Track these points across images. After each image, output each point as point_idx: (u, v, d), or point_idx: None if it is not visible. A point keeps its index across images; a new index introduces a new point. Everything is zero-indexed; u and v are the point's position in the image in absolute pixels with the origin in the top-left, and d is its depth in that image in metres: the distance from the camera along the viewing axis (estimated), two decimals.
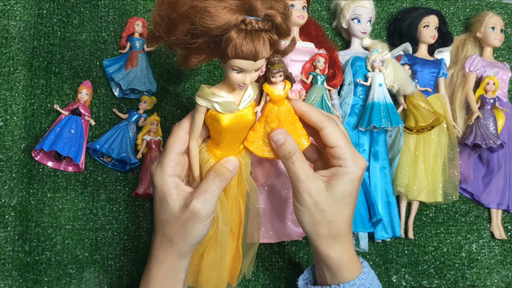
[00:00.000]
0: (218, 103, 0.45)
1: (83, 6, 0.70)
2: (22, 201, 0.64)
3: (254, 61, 0.42)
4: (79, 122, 0.64)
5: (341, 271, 0.51)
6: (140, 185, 0.64)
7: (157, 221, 0.49)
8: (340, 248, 0.50)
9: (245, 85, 0.45)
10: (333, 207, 0.49)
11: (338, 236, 0.50)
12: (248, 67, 0.43)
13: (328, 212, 0.49)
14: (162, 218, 0.48)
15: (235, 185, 0.53)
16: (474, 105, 0.77)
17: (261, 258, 0.68)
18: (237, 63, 0.42)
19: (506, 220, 0.78)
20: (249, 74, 0.44)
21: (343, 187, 0.49)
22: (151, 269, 0.50)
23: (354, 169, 0.49)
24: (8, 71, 0.66)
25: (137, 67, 0.66)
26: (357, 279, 0.50)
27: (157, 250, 0.50)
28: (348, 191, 0.49)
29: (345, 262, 0.51)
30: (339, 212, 0.49)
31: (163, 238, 0.49)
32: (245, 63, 0.42)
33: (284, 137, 0.49)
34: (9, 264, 0.62)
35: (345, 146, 0.49)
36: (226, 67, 0.44)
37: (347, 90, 0.71)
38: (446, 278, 0.73)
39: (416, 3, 0.82)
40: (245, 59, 0.42)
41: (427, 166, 0.72)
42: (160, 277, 0.49)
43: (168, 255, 0.49)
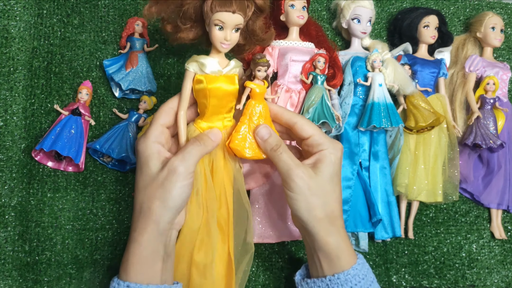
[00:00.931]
0: (204, 63, 0.51)
1: (83, 6, 0.70)
2: (22, 201, 0.64)
3: (232, 13, 0.49)
4: (79, 122, 0.65)
5: (339, 258, 0.52)
6: None
7: (137, 192, 0.50)
8: (337, 233, 0.52)
9: (226, 41, 0.51)
10: (325, 189, 0.52)
11: (334, 219, 0.53)
12: (227, 19, 0.50)
13: (321, 194, 0.52)
14: (141, 185, 0.50)
15: (221, 166, 0.55)
16: (474, 105, 0.77)
17: (261, 258, 0.68)
18: (217, 16, 0.50)
19: (506, 220, 0.78)
20: (229, 30, 0.51)
21: (329, 168, 0.53)
22: (130, 247, 0.49)
23: (334, 150, 0.53)
24: (8, 71, 0.66)
25: (137, 67, 0.66)
26: (351, 269, 0.52)
27: (135, 225, 0.50)
28: (334, 171, 0.53)
29: (343, 248, 0.52)
30: (331, 193, 0.53)
31: (141, 210, 0.49)
32: (224, 14, 0.49)
33: (269, 132, 0.54)
34: (9, 264, 0.62)
35: (319, 133, 0.54)
36: (210, 28, 0.51)
37: (347, 90, 0.71)
38: (446, 278, 0.73)
39: (416, 3, 0.82)
40: (224, 8, 0.49)
41: (427, 166, 0.72)
42: (138, 254, 0.49)
43: (148, 228, 0.49)
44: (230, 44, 0.52)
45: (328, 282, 0.52)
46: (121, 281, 0.49)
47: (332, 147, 0.53)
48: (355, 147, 0.70)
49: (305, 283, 0.55)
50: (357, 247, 0.69)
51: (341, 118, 0.68)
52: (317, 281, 0.54)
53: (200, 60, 0.52)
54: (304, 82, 0.68)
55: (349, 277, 0.51)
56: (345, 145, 0.70)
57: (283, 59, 0.69)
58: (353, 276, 0.52)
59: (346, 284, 0.51)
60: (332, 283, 0.52)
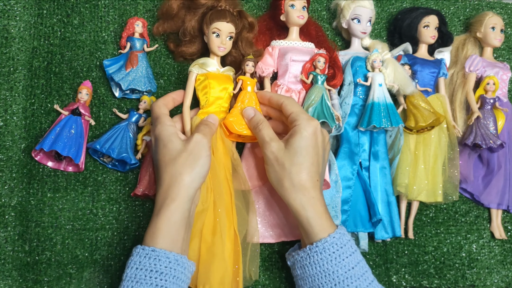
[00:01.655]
0: (205, 62, 0.64)
1: (83, 6, 0.70)
2: (22, 201, 0.64)
3: (226, 22, 0.63)
4: (79, 122, 0.65)
5: (312, 226, 0.55)
6: (139, 185, 0.64)
7: (164, 166, 0.55)
8: (308, 203, 0.56)
9: (223, 45, 0.63)
10: (291, 161, 0.57)
11: (301, 188, 0.56)
12: (222, 27, 0.63)
13: (287, 165, 0.57)
14: (168, 159, 0.56)
15: (221, 153, 0.62)
16: (474, 105, 0.77)
17: (261, 258, 0.68)
18: (215, 25, 0.63)
19: (506, 220, 0.78)
20: (224, 37, 0.63)
21: (298, 142, 0.57)
22: (160, 214, 0.53)
23: (305, 126, 0.58)
24: (8, 71, 0.66)
25: (137, 67, 0.66)
26: (328, 237, 0.54)
27: (166, 194, 0.54)
28: (303, 146, 0.57)
29: (316, 217, 0.55)
30: (297, 165, 0.56)
31: (171, 179, 0.54)
32: (220, 23, 0.63)
33: (253, 111, 0.62)
34: (9, 264, 0.62)
35: (299, 111, 0.60)
36: (209, 36, 0.64)
37: (347, 90, 0.71)
38: (446, 278, 0.73)
39: (416, 3, 0.82)
40: (219, 19, 0.63)
41: (427, 166, 0.72)
42: (167, 219, 0.53)
43: (180, 193, 0.54)
44: (226, 49, 0.64)
45: (308, 251, 0.55)
46: (146, 246, 0.52)
47: (305, 123, 0.58)
48: (355, 147, 0.70)
49: (291, 256, 0.59)
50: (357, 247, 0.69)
51: (341, 118, 0.68)
52: (300, 252, 0.57)
53: (201, 62, 0.64)
54: (304, 82, 0.68)
55: (327, 245, 0.54)
56: (345, 145, 0.70)
57: (283, 59, 0.69)
58: (331, 244, 0.54)
59: (324, 252, 0.54)
60: (312, 251, 0.55)
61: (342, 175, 0.68)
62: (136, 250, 0.52)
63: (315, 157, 0.57)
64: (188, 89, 0.64)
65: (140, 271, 0.51)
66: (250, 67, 0.64)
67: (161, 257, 0.51)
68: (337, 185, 0.67)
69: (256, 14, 0.75)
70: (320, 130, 0.59)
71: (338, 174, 0.67)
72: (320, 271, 0.54)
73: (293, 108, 0.60)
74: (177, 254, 0.52)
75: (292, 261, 0.59)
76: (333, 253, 0.54)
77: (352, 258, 0.55)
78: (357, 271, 0.54)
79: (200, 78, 0.63)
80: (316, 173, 0.57)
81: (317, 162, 0.58)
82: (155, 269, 0.50)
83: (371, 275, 0.56)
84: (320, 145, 0.59)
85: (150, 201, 0.67)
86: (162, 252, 0.51)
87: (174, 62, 0.71)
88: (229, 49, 0.65)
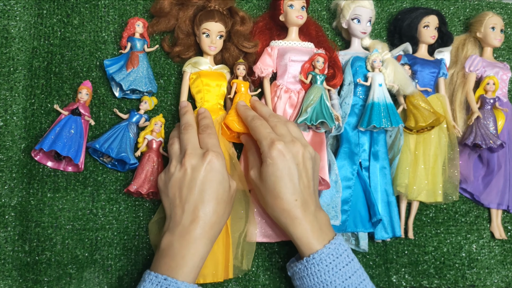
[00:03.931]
0: (197, 61, 0.67)
1: (83, 6, 0.70)
2: (22, 201, 0.64)
3: (215, 22, 0.65)
4: (79, 122, 0.64)
5: (300, 245, 0.57)
6: (134, 182, 0.63)
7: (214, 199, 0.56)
8: (292, 225, 0.57)
9: (213, 45, 0.66)
10: (265, 189, 0.58)
11: (282, 212, 0.57)
12: (211, 27, 0.65)
13: (263, 193, 0.59)
14: (221, 198, 0.56)
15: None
16: (474, 105, 0.77)
17: (261, 258, 0.68)
18: (204, 25, 0.65)
19: (506, 220, 0.78)
20: (214, 36, 0.66)
21: (265, 172, 0.58)
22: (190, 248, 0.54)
23: (267, 154, 0.57)
24: (8, 71, 0.66)
25: (138, 68, 0.66)
26: (324, 248, 0.55)
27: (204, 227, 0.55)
28: (270, 173, 0.57)
29: (302, 237, 0.57)
30: (270, 192, 0.58)
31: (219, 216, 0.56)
32: (209, 24, 0.65)
33: (244, 103, 0.65)
34: (9, 264, 0.62)
35: (261, 137, 0.59)
36: (200, 37, 0.67)
37: (347, 90, 0.71)
38: (446, 278, 0.73)
39: (416, 3, 0.82)
40: (207, 20, 0.65)
41: (427, 166, 0.72)
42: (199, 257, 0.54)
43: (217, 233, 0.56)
44: (216, 48, 0.67)
45: (305, 263, 0.56)
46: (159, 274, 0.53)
47: (266, 150, 0.58)
48: (355, 147, 0.70)
49: (290, 267, 0.60)
50: (357, 247, 0.69)
51: (341, 118, 0.68)
52: (297, 264, 0.58)
53: (194, 61, 0.67)
54: (303, 82, 0.68)
55: (323, 256, 0.55)
56: (345, 145, 0.70)
57: (282, 59, 0.69)
58: (327, 255, 0.55)
59: (321, 263, 0.55)
60: (309, 263, 0.56)
61: (342, 175, 0.68)
62: (149, 277, 0.52)
63: (286, 178, 0.57)
64: (182, 88, 0.67)
65: None
66: (241, 70, 0.66)
67: (172, 286, 0.51)
68: (337, 185, 0.67)
69: (256, 14, 0.75)
70: (285, 150, 0.57)
71: (338, 174, 0.67)
72: (318, 282, 0.55)
73: (256, 134, 0.60)
74: (188, 284, 0.52)
75: (291, 272, 0.60)
76: (329, 263, 0.55)
77: (348, 267, 0.55)
78: (354, 280, 0.55)
79: (193, 77, 0.66)
80: (292, 194, 0.57)
81: (290, 183, 0.57)
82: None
83: (369, 283, 0.57)
84: (291, 163, 0.57)
85: (150, 201, 0.67)
86: (173, 282, 0.51)
87: (174, 62, 0.71)
88: (220, 47, 0.67)
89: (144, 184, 0.63)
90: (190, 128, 0.61)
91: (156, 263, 0.54)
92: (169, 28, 0.70)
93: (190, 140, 0.59)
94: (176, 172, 0.57)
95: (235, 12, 0.68)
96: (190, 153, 0.57)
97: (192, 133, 0.60)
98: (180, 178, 0.56)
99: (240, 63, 0.67)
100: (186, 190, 0.55)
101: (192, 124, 0.62)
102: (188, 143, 0.58)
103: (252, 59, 0.71)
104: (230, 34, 0.69)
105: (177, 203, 0.56)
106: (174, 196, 0.56)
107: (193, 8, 0.68)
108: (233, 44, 0.69)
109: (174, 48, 0.69)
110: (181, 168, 0.56)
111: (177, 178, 0.56)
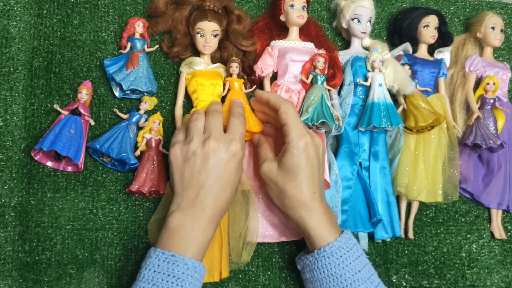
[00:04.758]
0: (192, 61, 0.67)
1: (83, 6, 0.70)
2: (22, 201, 0.64)
3: (208, 21, 0.65)
4: (79, 122, 0.64)
5: (314, 237, 0.57)
6: (135, 182, 0.63)
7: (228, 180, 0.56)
8: (307, 216, 0.57)
9: (207, 44, 0.66)
10: (285, 179, 0.57)
11: (299, 203, 0.57)
12: (205, 27, 0.66)
13: (281, 184, 0.58)
14: (234, 179, 0.57)
15: None
16: (474, 105, 0.77)
17: (261, 258, 0.68)
18: (198, 25, 0.66)
19: (506, 220, 0.78)
20: (208, 36, 0.66)
21: (290, 161, 0.57)
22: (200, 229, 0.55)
23: (296, 144, 0.57)
24: (8, 71, 0.66)
25: (138, 68, 0.66)
26: (335, 241, 0.56)
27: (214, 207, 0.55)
28: (294, 164, 0.57)
29: (316, 229, 0.57)
30: (291, 182, 0.57)
31: (230, 198, 0.57)
32: (202, 23, 0.66)
33: (240, 101, 0.64)
34: (9, 264, 0.62)
35: (292, 124, 0.58)
36: (195, 37, 0.67)
37: (347, 90, 0.71)
38: (446, 278, 0.73)
39: (416, 3, 0.82)
40: (201, 19, 0.66)
41: (427, 166, 0.72)
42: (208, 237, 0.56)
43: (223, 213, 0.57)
44: (211, 47, 0.67)
45: (316, 255, 0.56)
46: (166, 250, 0.53)
47: (296, 139, 0.57)
48: (355, 147, 0.70)
49: (301, 260, 0.60)
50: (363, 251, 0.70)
51: (341, 118, 0.68)
52: (308, 256, 0.58)
53: (189, 61, 0.67)
54: (304, 82, 0.68)
55: (334, 249, 0.55)
56: (345, 145, 0.70)
57: (283, 59, 0.69)
58: (338, 248, 0.56)
59: (332, 256, 0.55)
60: (320, 256, 0.56)
61: (342, 175, 0.68)
62: (156, 253, 0.53)
63: (308, 170, 0.57)
64: (179, 89, 0.68)
65: (157, 274, 0.51)
66: (233, 68, 0.66)
67: (180, 262, 0.52)
68: (337, 185, 0.67)
69: (256, 14, 0.75)
70: (311, 143, 0.58)
71: (338, 174, 0.67)
72: (328, 275, 0.55)
73: (287, 119, 0.59)
74: (195, 261, 0.53)
75: (301, 265, 0.60)
76: (340, 257, 0.55)
77: (358, 261, 0.56)
78: (364, 274, 0.55)
79: (188, 77, 0.67)
80: (312, 186, 0.58)
81: (311, 175, 0.58)
82: (172, 273, 0.51)
83: (377, 278, 0.57)
84: (314, 157, 0.58)
85: (150, 201, 0.67)
86: (181, 258, 0.52)
87: (174, 63, 0.71)
88: (215, 46, 0.67)
89: (145, 183, 0.63)
90: (218, 114, 0.60)
91: (163, 241, 0.54)
92: (168, 28, 0.70)
93: (217, 125, 0.58)
94: (198, 152, 0.55)
95: (231, 10, 0.68)
96: (216, 137, 0.56)
97: (219, 119, 0.59)
98: (201, 160, 0.55)
99: (233, 61, 0.66)
100: (205, 176, 0.55)
101: (221, 111, 0.61)
102: (214, 127, 0.57)
103: (251, 57, 0.70)
104: (228, 33, 0.68)
105: (193, 184, 0.55)
106: (191, 176, 0.55)
107: (189, 8, 0.68)
108: (231, 43, 0.69)
109: (172, 48, 0.69)
110: (203, 148, 0.55)
111: (197, 159, 0.55)
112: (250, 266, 0.67)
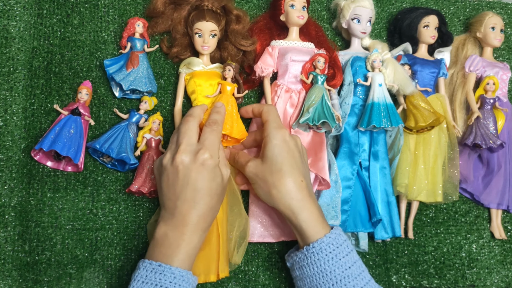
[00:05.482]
0: (190, 62, 0.67)
1: (83, 6, 0.70)
2: (22, 201, 0.64)
3: (206, 21, 0.65)
4: (79, 122, 0.64)
5: (306, 229, 0.57)
6: (135, 182, 0.63)
7: (207, 193, 0.56)
8: (298, 206, 0.57)
9: (205, 44, 0.66)
10: (271, 170, 0.58)
11: (288, 193, 0.57)
12: (203, 27, 0.65)
13: (268, 176, 0.58)
14: (214, 192, 0.57)
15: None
16: (474, 105, 0.77)
17: (261, 258, 0.68)
18: (196, 25, 0.66)
19: (506, 220, 0.78)
20: (206, 36, 0.66)
21: (271, 151, 0.59)
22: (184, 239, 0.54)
23: (274, 136, 0.59)
24: (8, 71, 0.66)
25: (138, 68, 0.66)
26: (324, 237, 0.56)
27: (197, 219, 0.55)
28: (276, 153, 0.58)
29: (307, 220, 0.57)
30: (277, 172, 0.58)
31: (210, 209, 0.56)
32: (200, 23, 0.65)
33: (221, 104, 0.64)
34: (9, 264, 0.62)
35: (271, 120, 0.61)
36: (193, 38, 0.67)
37: (347, 90, 0.71)
38: (446, 278, 0.73)
39: (416, 3, 0.82)
40: (199, 20, 0.65)
41: (427, 166, 0.72)
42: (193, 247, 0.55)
43: (209, 225, 0.57)
44: (210, 48, 0.66)
45: (306, 252, 0.56)
46: (153, 261, 0.54)
47: (274, 132, 0.59)
48: (355, 147, 0.70)
49: (290, 257, 0.60)
50: (357, 247, 0.70)
51: (341, 118, 0.68)
52: (298, 253, 0.58)
53: (188, 62, 0.67)
54: (304, 82, 0.68)
55: (323, 245, 0.55)
56: (345, 145, 0.70)
57: (283, 59, 0.69)
58: (327, 244, 0.55)
59: (321, 252, 0.55)
60: (309, 252, 0.56)
61: (342, 175, 0.68)
62: (144, 264, 0.53)
63: (292, 159, 0.58)
64: (178, 90, 0.68)
65: (146, 285, 0.52)
66: (226, 72, 0.65)
67: (166, 272, 0.52)
68: (337, 185, 0.67)
69: (256, 14, 0.75)
70: (289, 136, 0.60)
71: (338, 174, 0.67)
72: (318, 271, 0.55)
73: (268, 115, 0.62)
74: (182, 270, 0.53)
75: (291, 262, 0.60)
76: (329, 253, 0.55)
77: (348, 258, 0.55)
78: (354, 271, 0.55)
79: (187, 78, 0.67)
80: (298, 175, 0.58)
81: (295, 164, 0.59)
82: (160, 283, 0.51)
83: (367, 275, 0.57)
84: (295, 149, 0.60)
85: (150, 201, 0.67)
86: (167, 268, 0.52)
87: (174, 63, 0.71)
88: (214, 46, 0.67)
89: (145, 183, 0.63)
90: (190, 118, 0.59)
91: (151, 251, 0.55)
92: (168, 28, 0.70)
93: (187, 133, 0.57)
94: (168, 166, 0.56)
95: (230, 10, 0.68)
96: (184, 149, 0.55)
97: (190, 125, 0.58)
98: (172, 174, 0.55)
99: (227, 64, 0.66)
100: (179, 187, 0.55)
101: (193, 115, 0.59)
102: (184, 137, 0.57)
103: (251, 57, 0.70)
104: (227, 33, 0.68)
105: (170, 196, 0.55)
106: (167, 188, 0.56)
107: (187, 8, 0.68)
108: (230, 43, 0.69)
109: (171, 49, 0.69)
110: (172, 163, 0.55)
111: (169, 173, 0.56)
112: (250, 266, 0.67)
